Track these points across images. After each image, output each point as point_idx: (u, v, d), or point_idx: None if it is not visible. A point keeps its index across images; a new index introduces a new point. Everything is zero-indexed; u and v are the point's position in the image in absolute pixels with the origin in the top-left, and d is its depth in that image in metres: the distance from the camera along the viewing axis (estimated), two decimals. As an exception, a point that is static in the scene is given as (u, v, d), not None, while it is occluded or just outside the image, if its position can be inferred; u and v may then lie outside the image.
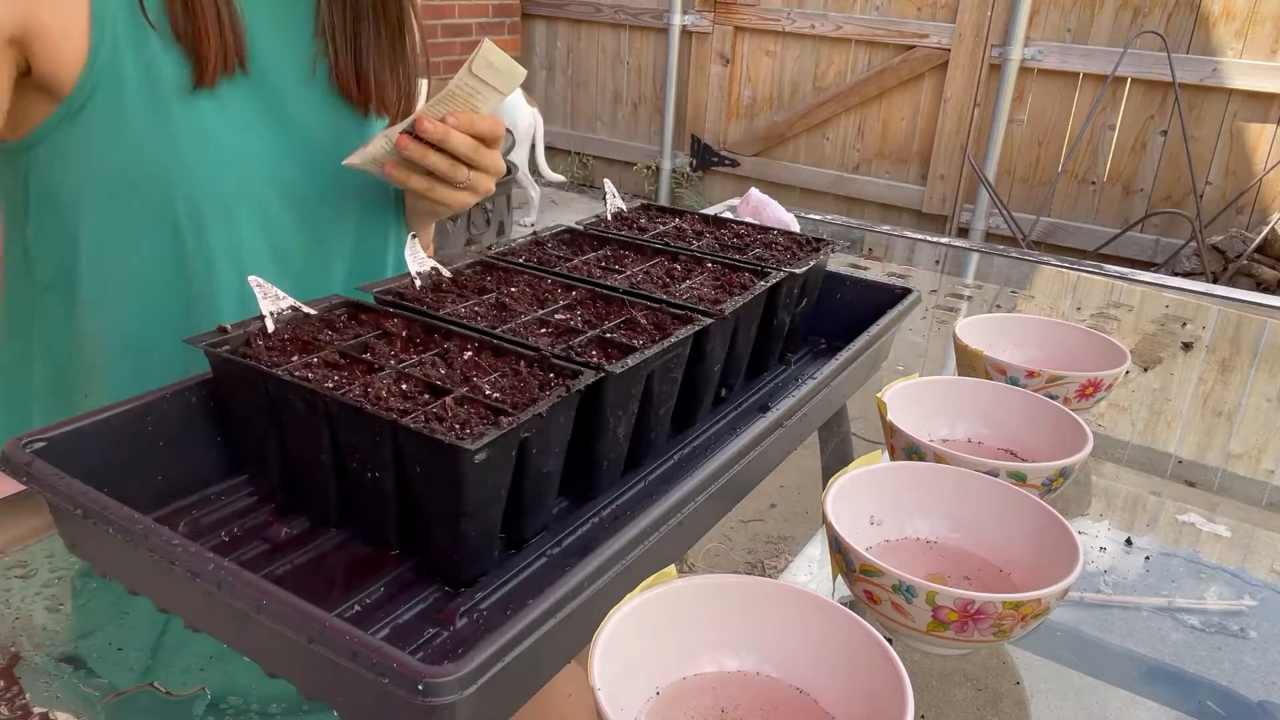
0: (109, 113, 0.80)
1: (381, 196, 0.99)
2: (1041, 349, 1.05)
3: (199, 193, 0.84)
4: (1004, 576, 0.70)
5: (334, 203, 0.95)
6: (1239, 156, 3.68)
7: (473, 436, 0.57)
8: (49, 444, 0.62)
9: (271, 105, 0.88)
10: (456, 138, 0.81)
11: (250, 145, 0.87)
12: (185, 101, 0.82)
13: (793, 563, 0.78)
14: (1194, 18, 3.63)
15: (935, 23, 4.18)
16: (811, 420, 0.86)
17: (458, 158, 0.83)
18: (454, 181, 0.85)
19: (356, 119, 0.94)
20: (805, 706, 0.57)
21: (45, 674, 0.60)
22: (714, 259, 0.93)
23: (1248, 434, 1.08)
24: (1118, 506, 0.91)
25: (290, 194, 0.91)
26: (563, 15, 5.29)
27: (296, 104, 0.90)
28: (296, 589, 0.50)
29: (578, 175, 5.47)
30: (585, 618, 0.54)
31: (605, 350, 0.72)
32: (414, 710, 0.46)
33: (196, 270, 0.87)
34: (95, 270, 0.86)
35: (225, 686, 0.60)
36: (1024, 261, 1.73)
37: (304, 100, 0.90)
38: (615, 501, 0.74)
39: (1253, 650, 0.70)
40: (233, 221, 0.87)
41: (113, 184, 0.83)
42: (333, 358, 0.69)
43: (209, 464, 0.72)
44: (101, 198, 0.83)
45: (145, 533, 0.54)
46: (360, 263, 1.00)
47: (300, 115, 0.90)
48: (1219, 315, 1.47)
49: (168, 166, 0.83)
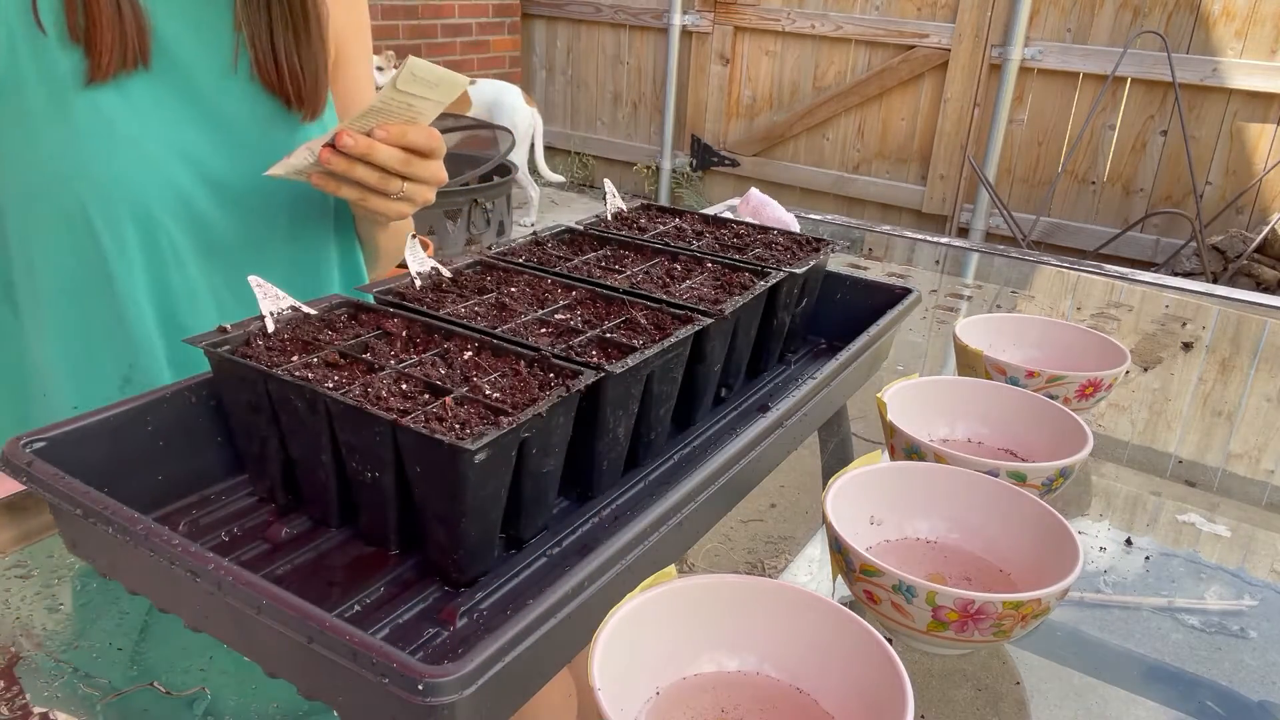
0: (13, 115, 0.80)
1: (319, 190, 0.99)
2: (1041, 349, 1.05)
3: (111, 192, 0.83)
4: (1004, 576, 0.70)
5: (266, 197, 0.93)
6: (1239, 156, 3.68)
7: (473, 436, 0.57)
8: (49, 444, 0.62)
9: (190, 99, 0.87)
10: (383, 151, 0.79)
11: (167, 141, 0.86)
12: (85, 97, 0.81)
13: (793, 563, 0.78)
14: (1194, 18, 3.63)
15: (935, 23, 4.18)
16: (811, 420, 0.86)
17: (388, 170, 0.82)
18: (386, 193, 0.84)
19: (284, 111, 0.93)
20: (805, 706, 0.57)
21: (45, 674, 0.60)
22: (714, 259, 0.93)
23: (1248, 434, 1.08)
24: (1118, 506, 0.91)
25: (221, 190, 0.90)
26: (563, 15, 5.29)
27: (220, 97, 0.89)
28: (296, 589, 0.50)
29: (578, 175, 5.47)
30: (585, 618, 0.54)
31: (605, 350, 0.72)
32: (414, 710, 0.46)
33: (118, 271, 0.86)
34: (25, 277, 0.86)
35: (225, 686, 0.60)
36: (1024, 261, 1.73)
37: (227, 93, 0.89)
38: (615, 501, 0.74)
39: (1253, 650, 0.70)
40: (153, 220, 0.86)
41: (27, 188, 0.82)
42: (333, 358, 0.69)
43: (209, 464, 0.72)
44: (19, 203, 0.83)
45: (145, 533, 0.54)
46: (301, 258, 0.98)
47: (225, 109, 0.89)
48: (1219, 315, 1.47)
49: (74, 165, 0.82)
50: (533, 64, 5.54)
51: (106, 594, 0.67)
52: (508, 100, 4.23)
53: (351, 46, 1.03)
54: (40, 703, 0.57)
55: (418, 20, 4.69)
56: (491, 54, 5.13)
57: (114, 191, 0.83)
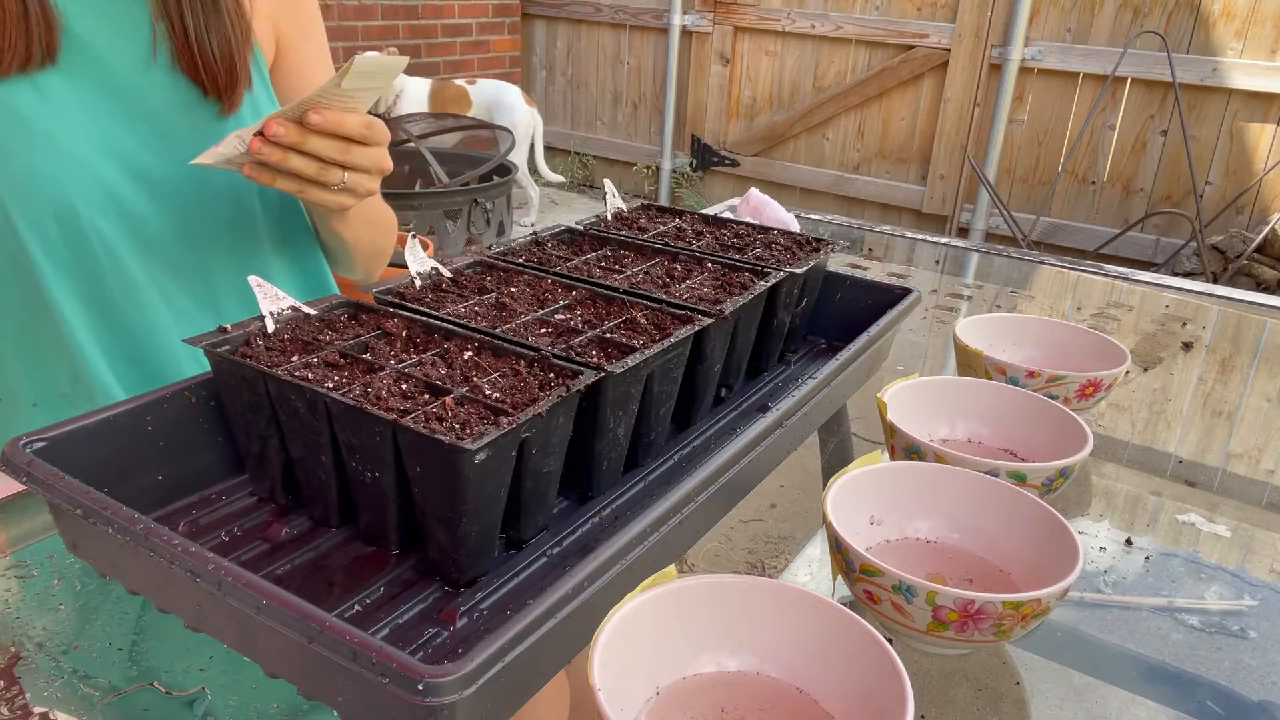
0: None
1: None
2: (1041, 349, 1.05)
3: (30, 189, 0.82)
4: (1004, 576, 0.70)
5: (200, 188, 0.91)
6: (1239, 156, 3.68)
7: (473, 436, 0.57)
8: (49, 444, 0.62)
9: (108, 92, 0.86)
10: (316, 141, 0.77)
11: (86, 135, 0.85)
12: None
13: (793, 563, 0.78)
14: (1194, 18, 3.63)
15: (935, 23, 4.18)
16: (811, 420, 0.86)
17: (325, 160, 0.79)
18: (326, 184, 0.81)
19: (206, 100, 0.91)
20: (805, 706, 0.57)
21: (45, 674, 0.60)
22: (714, 259, 0.93)
23: (1248, 434, 1.08)
24: (1118, 506, 0.91)
25: (151, 184, 0.88)
26: (563, 15, 5.29)
27: (141, 89, 0.87)
28: (296, 589, 0.50)
29: (578, 175, 5.47)
30: (585, 618, 0.54)
31: (605, 350, 0.72)
32: (414, 710, 0.46)
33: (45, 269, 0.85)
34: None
35: (225, 686, 0.60)
36: (1024, 261, 1.73)
37: (149, 84, 0.88)
38: (615, 501, 0.74)
39: (1253, 650, 0.70)
40: (78, 217, 0.85)
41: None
42: (333, 358, 0.69)
43: (209, 464, 0.72)
44: None
45: (145, 533, 0.54)
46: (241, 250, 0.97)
47: (147, 100, 0.88)
48: (1219, 315, 1.47)
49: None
50: (533, 64, 5.54)
51: (106, 594, 0.67)
52: (507, 100, 4.23)
53: (302, 45, 1.01)
54: (40, 703, 0.57)
55: (418, 20, 4.69)
56: (491, 54, 5.13)
57: (32, 188, 0.82)
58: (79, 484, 0.58)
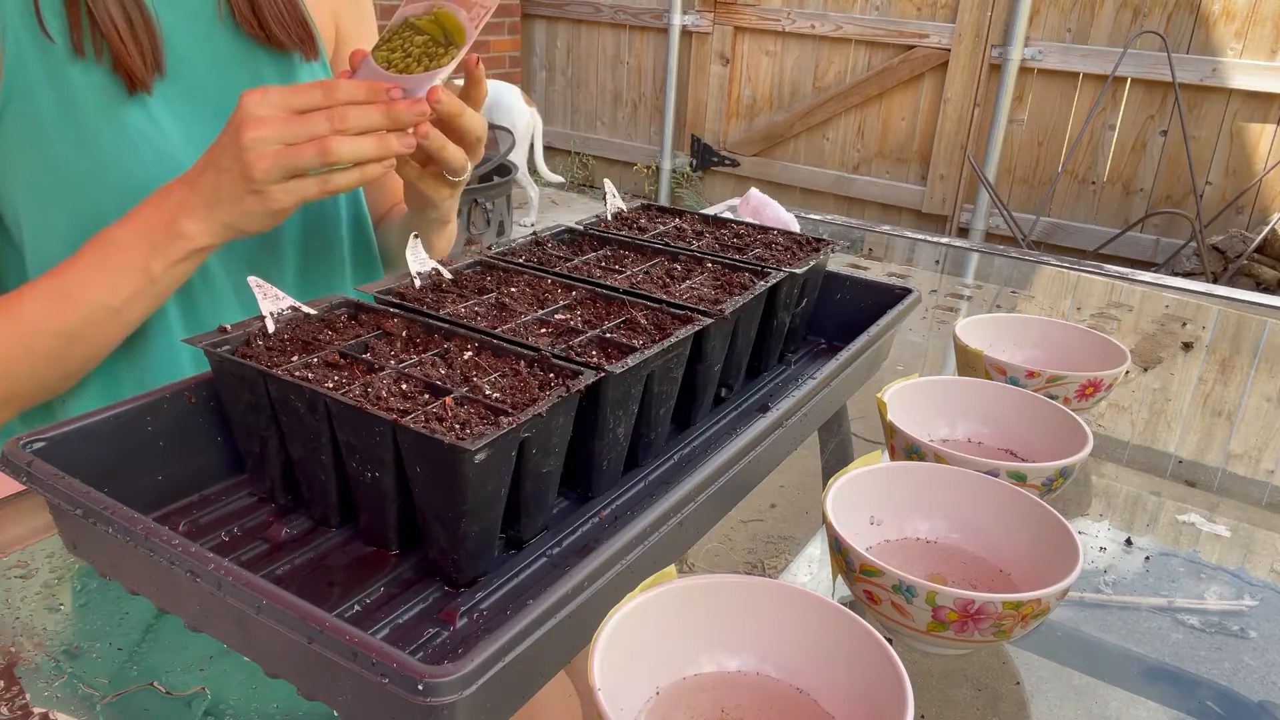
0: (26, 126, 0.80)
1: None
2: (1041, 349, 1.05)
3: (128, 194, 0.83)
4: (1004, 576, 0.70)
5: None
6: (1239, 156, 3.68)
7: (473, 436, 0.57)
8: (49, 444, 0.62)
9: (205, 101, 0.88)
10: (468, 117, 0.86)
11: (185, 137, 0.86)
12: (109, 114, 0.82)
13: (793, 563, 0.78)
14: (1194, 18, 3.63)
15: (935, 23, 4.18)
16: (811, 420, 0.86)
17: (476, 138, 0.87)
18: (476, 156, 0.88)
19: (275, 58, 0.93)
20: (805, 706, 0.57)
21: (45, 674, 0.60)
22: (714, 259, 0.93)
23: (1248, 434, 1.08)
24: (1118, 506, 0.91)
25: None
26: (563, 15, 5.29)
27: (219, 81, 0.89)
28: (296, 589, 0.50)
29: (577, 175, 5.47)
30: (585, 618, 0.54)
31: (605, 350, 0.72)
32: (414, 710, 0.46)
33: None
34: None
35: (225, 686, 0.60)
36: (1024, 261, 1.73)
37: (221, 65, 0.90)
38: (615, 501, 0.74)
39: (1253, 650, 0.70)
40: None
41: (40, 196, 0.82)
42: (333, 358, 0.69)
43: (209, 464, 0.72)
44: (32, 210, 0.83)
45: (145, 533, 0.54)
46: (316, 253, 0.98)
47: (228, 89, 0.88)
48: (1219, 315, 1.47)
49: (93, 174, 0.82)
50: (533, 64, 5.54)
51: (106, 594, 0.67)
52: (507, 100, 4.23)
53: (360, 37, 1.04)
54: (40, 703, 0.57)
55: (418, 20, 4.68)
56: (491, 54, 5.13)
57: (131, 193, 0.83)
58: (79, 484, 0.58)
